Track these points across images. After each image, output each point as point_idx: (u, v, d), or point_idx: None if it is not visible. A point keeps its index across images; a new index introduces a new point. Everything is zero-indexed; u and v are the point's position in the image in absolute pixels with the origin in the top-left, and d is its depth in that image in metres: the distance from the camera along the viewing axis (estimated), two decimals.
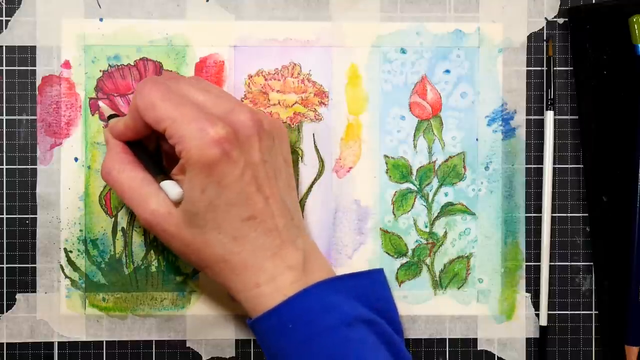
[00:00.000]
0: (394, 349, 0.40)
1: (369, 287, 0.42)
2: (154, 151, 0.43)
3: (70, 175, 0.46)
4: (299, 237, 0.40)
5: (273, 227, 0.39)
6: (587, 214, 0.47)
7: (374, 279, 0.43)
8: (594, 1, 0.47)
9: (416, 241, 0.47)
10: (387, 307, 0.42)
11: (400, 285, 0.47)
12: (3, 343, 0.46)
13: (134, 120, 0.40)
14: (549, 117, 0.47)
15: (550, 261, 0.47)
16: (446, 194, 0.47)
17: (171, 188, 0.39)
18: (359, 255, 0.47)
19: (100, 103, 0.45)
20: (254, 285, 0.39)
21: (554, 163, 0.47)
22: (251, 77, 0.46)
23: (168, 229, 0.39)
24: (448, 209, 0.47)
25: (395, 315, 0.43)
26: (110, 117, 0.43)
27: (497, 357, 0.47)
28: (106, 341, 0.46)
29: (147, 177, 0.40)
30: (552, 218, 0.47)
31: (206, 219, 0.38)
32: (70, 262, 0.46)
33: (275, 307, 0.38)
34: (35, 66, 0.46)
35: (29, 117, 0.46)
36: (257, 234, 0.39)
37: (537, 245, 0.47)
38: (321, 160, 0.47)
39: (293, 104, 0.47)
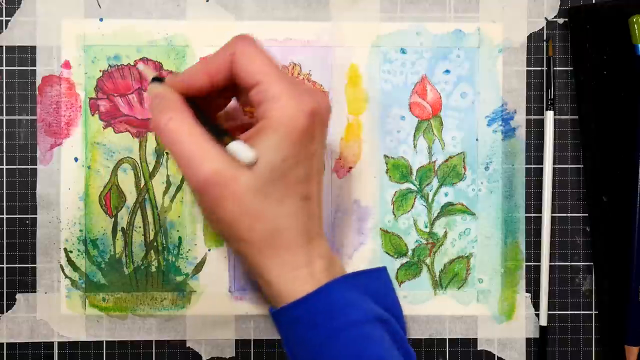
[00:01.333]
0: (403, 348, 0.40)
1: (379, 285, 0.42)
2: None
3: (70, 175, 0.46)
4: (323, 231, 0.40)
5: (318, 212, 0.39)
6: (587, 214, 0.47)
7: (381, 277, 0.43)
8: (594, 1, 0.47)
9: (416, 241, 0.47)
10: (393, 305, 0.42)
11: (400, 285, 0.47)
12: (3, 343, 0.46)
13: (219, 65, 0.37)
14: (549, 117, 0.47)
15: (550, 261, 0.47)
16: (446, 194, 0.47)
17: (245, 150, 0.35)
18: (359, 255, 0.47)
19: (140, 65, 0.43)
20: (292, 267, 0.38)
21: (554, 163, 0.47)
22: None
23: (229, 193, 0.36)
24: (448, 209, 0.47)
25: (400, 312, 0.43)
26: (155, 79, 0.39)
27: (497, 357, 0.47)
28: (106, 341, 0.46)
29: (209, 137, 0.36)
30: (552, 218, 0.47)
31: (275, 188, 0.36)
32: (70, 262, 0.46)
33: (305, 296, 0.37)
34: (35, 66, 0.46)
35: (29, 117, 0.46)
36: (308, 216, 0.38)
37: (537, 245, 0.47)
38: None
39: None
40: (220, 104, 0.41)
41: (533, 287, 0.47)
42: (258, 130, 0.36)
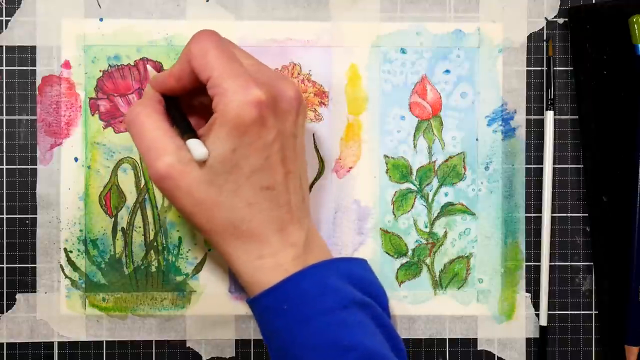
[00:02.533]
0: (387, 332, 0.40)
1: (361, 272, 0.42)
2: (184, 113, 0.41)
3: (70, 175, 0.46)
4: (305, 217, 0.41)
5: (286, 201, 0.39)
6: (587, 214, 0.47)
7: (362, 265, 0.43)
8: (594, 1, 0.47)
9: (416, 241, 0.47)
10: (377, 292, 0.42)
11: (400, 285, 0.47)
12: (3, 343, 0.46)
13: (181, 66, 0.39)
14: (549, 117, 0.47)
15: (550, 261, 0.47)
16: (446, 194, 0.47)
17: (198, 146, 0.37)
18: (359, 255, 0.47)
19: (149, 66, 0.44)
20: (257, 256, 0.39)
21: (554, 163, 0.47)
22: None
23: (182, 185, 0.37)
24: (448, 209, 0.47)
25: (385, 300, 0.43)
26: None
27: (497, 357, 0.47)
28: (106, 341, 0.46)
29: (172, 132, 0.38)
30: (552, 218, 0.47)
31: (228, 179, 0.37)
32: (70, 262, 0.46)
33: (274, 286, 0.38)
34: (35, 66, 0.46)
35: (29, 117, 0.46)
36: (271, 206, 0.38)
37: (537, 245, 0.47)
38: (321, 160, 0.47)
39: None
40: (204, 101, 0.42)
41: (533, 287, 0.47)
42: (210, 125, 0.38)
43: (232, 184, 0.38)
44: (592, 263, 0.47)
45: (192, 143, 0.37)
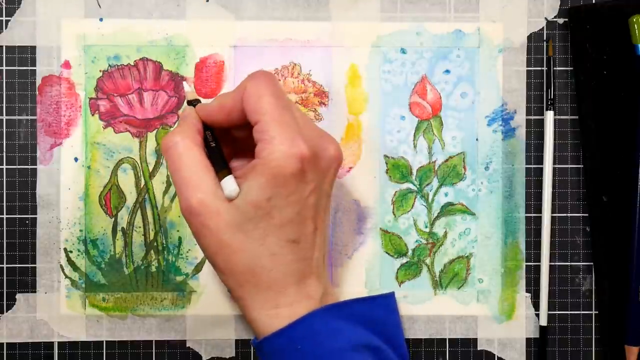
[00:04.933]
0: None
1: (378, 313, 0.42)
2: (220, 147, 0.41)
3: (70, 175, 0.46)
4: (323, 273, 0.41)
5: (309, 256, 0.39)
6: (587, 214, 0.47)
7: (383, 304, 0.43)
8: (594, 1, 0.47)
9: (416, 241, 0.47)
10: (394, 332, 0.42)
11: (400, 285, 0.47)
12: (3, 343, 0.46)
13: (234, 102, 0.38)
14: (549, 117, 0.47)
15: (550, 261, 0.47)
16: (446, 194, 0.47)
17: (229, 184, 0.37)
18: (359, 255, 0.47)
19: (185, 84, 0.43)
20: (273, 306, 0.38)
21: (554, 163, 0.47)
22: None
23: (209, 225, 0.37)
24: (448, 209, 0.47)
25: (401, 340, 0.43)
26: (191, 102, 0.41)
27: (497, 357, 0.47)
28: (106, 341, 0.46)
29: (210, 168, 0.38)
30: (552, 218, 0.47)
31: (257, 226, 0.37)
32: (70, 262, 0.46)
33: (284, 328, 0.38)
34: (35, 66, 0.46)
35: (29, 117, 0.46)
36: (294, 259, 0.38)
37: (537, 245, 0.47)
38: None
39: None
40: (242, 136, 0.41)
41: (533, 287, 0.47)
42: (251, 168, 0.37)
43: (261, 231, 0.37)
44: (592, 263, 0.47)
45: (226, 180, 0.37)
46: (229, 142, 0.42)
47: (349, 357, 0.38)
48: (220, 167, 0.38)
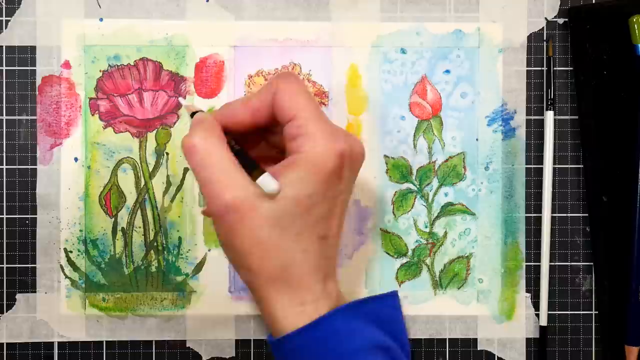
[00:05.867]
0: None
1: (386, 312, 0.42)
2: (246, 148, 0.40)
3: (70, 175, 0.46)
4: (335, 270, 0.41)
5: (332, 254, 0.39)
6: (587, 214, 0.47)
7: (390, 303, 0.43)
8: (594, 1, 0.47)
9: (416, 241, 0.47)
10: (399, 331, 0.43)
11: (400, 285, 0.47)
12: (3, 343, 0.46)
13: (261, 100, 0.38)
14: (549, 117, 0.47)
15: (550, 261, 0.47)
16: (446, 194, 0.47)
17: (270, 180, 0.36)
18: (359, 255, 0.47)
19: (182, 100, 0.43)
20: (299, 302, 0.38)
21: (554, 163, 0.47)
22: (251, 77, 0.46)
23: (246, 221, 0.36)
24: (448, 209, 0.47)
25: (405, 338, 0.43)
26: (194, 114, 0.40)
27: (497, 357, 0.47)
28: (106, 341, 0.46)
29: (239, 165, 0.37)
30: (552, 218, 0.47)
31: (294, 222, 0.37)
32: (70, 262, 0.46)
33: (307, 325, 0.37)
34: (35, 66, 0.46)
35: (29, 117, 0.46)
36: (322, 255, 0.38)
37: (537, 245, 0.47)
38: None
39: None
40: (255, 140, 0.41)
41: (533, 287, 0.47)
42: (289, 164, 0.37)
43: (297, 227, 0.37)
44: (592, 263, 0.47)
45: (264, 177, 0.36)
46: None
47: (365, 358, 0.38)
48: (253, 166, 0.37)
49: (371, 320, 0.40)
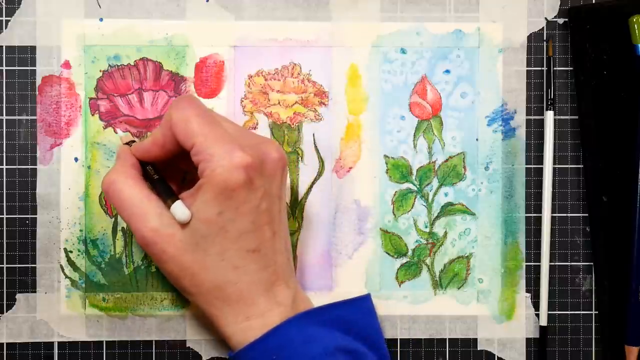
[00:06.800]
0: None
1: (354, 316, 0.42)
2: (162, 176, 0.42)
3: (70, 175, 0.46)
4: (291, 277, 0.41)
5: (272, 263, 0.39)
6: (587, 214, 0.47)
7: (359, 306, 0.43)
8: (594, 1, 0.47)
9: (416, 241, 0.47)
10: (372, 334, 0.42)
11: (400, 285, 0.47)
12: (3, 343, 0.46)
13: (164, 134, 0.39)
14: (549, 117, 0.47)
15: (550, 261, 0.47)
16: (446, 194, 0.47)
17: (180, 209, 0.38)
18: (359, 255, 0.47)
19: (120, 132, 0.45)
20: (244, 318, 0.39)
21: (554, 163, 0.47)
22: (251, 77, 0.46)
23: (167, 250, 0.38)
24: (448, 209, 0.47)
25: (381, 341, 0.43)
26: (128, 144, 0.43)
27: (497, 357, 0.47)
28: (106, 341, 0.46)
29: (152, 196, 0.39)
30: (552, 218, 0.47)
31: (214, 242, 0.38)
32: (70, 262, 0.46)
33: (259, 338, 0.38)
34: (35, 66, 0.46)
35: (29, 117, 0.46)
36: (257, 268, 0.39)
37: (537, 245, 0.47)
38: (321, 160, 0.47)
39: (293, 104, 0.47)
40: (189, 167, 0.42)
41: (533, 287, 0.47)
42: (197, 189, 0.38)
43: (219, 247, 0.38)
44: (592, 263, 0.47)
45: (175, 206, 0.38)
46: (177, 176, 0.43)
47: None
48: (168, 195, 0.39)
49: (334, 325, 0.40)
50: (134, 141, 0.43)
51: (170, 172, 0.42)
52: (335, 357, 0.38)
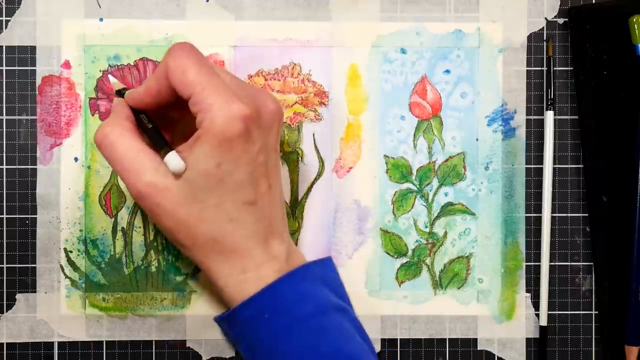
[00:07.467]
0: (362, 334, 0.40)
1: (330, 274, 0.42)
2: (157, 126, 0.41)
3: (70, 175, 0.46)
4: (285, 231, 0.41)
5: (268, 215, 0.39)
6: (587, 214, 0.47)
7: (329, 265, 0.43)
8: (594, 1, 0.47)
9: (416, 241, 0.47)
10: (344, 294, 0.43)
11: (400, 285, 0.47)
12: (3, 343, 0.46)
13: (158, 82, 0.38)
14: (549, 117, 0.47)
15: (550, 261, 0.47)
16: (446, 194, 0.47)
17: (174, 160, 0.37)
18: (359, 255, 0.47)
19: (110, 76, 0.43)
20: (240, 270, 0.39)
21: (554, 163, 0.47)
22: (251, 77, 0.46)
23: (162, 203, 0.37)
24: (448, 209, 0.47)
25: (348, 299, 0.43)
26: (119, 91, 0.41)
27: (497, 357, 0.47)
28: (106, 341, 0.46)
29: (147, 149, 0.38)
30: (552, 218, 0.47)
31: (211, 194, 0.37)
32: (70, 262, 0.46)
33: (254, 295, 0.38)
34: (35, 66, 0.46)
35: (29, 117, 0.46)
36: (253, 220, 0.38)
37: (537, 245, 0.47)
38: (321, 160, 0.47)
39: (293, 104, 0.47)
40: (180, 116, 0.41)
41: (533, 287, 0.47)
42: (195, 139, 0.37)
43: (216, 199, 0.37)
44: (592, 263, 0.47)
45: (169, 157, 0.37)
46: (169, 126, 0.42)
47: (318, 322, 0.38)
48: (161, 145, 0.38)
49: (322, 282, 0.40)
50: (125, 89, 0.41)
51: (163, 121, 0.41)
52: (328, 314, 0.38)
